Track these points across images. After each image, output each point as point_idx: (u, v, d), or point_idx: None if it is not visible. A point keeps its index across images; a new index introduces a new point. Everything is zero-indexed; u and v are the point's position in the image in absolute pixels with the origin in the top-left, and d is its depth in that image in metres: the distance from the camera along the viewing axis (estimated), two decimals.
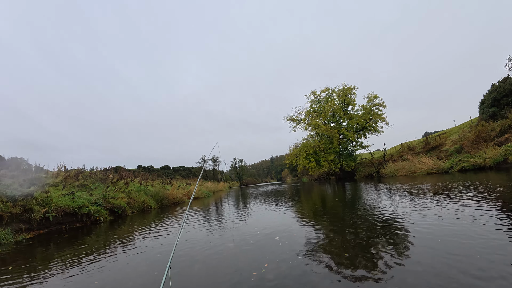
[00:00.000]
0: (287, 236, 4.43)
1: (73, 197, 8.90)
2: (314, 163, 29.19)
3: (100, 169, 16.90)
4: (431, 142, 23.94)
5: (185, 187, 21.36)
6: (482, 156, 14.60)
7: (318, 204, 8.88)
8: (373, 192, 10.28)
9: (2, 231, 6.32)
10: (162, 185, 19.01)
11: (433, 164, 17.76)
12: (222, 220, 7.21)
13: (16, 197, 7.21)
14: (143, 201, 12.65)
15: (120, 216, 10.26)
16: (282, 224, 5.60)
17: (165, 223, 7.45)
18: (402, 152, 25.75)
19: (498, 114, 18.88)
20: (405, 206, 5.91)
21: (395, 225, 4.30)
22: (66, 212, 8.18)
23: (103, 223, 8.74)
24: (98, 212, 9.04)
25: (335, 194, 12.38)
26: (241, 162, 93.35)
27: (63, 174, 11.35)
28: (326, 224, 5.08)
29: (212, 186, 32.42)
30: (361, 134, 30.35)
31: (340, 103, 30.78)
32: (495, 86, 20.49)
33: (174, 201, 15.70)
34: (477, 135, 17.49)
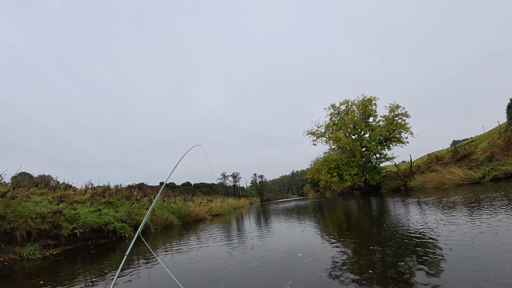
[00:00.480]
0: (310, 253, 4.27)
1: (99, 214, 9.17)
2: (336, 178, 28.45)
3: (124, 186, 17.40)
4: (460, 151, 22.74)
5: (207, 204, 21.48)
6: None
7: (342, 220, 8.58)
8: (400, 207, 9.80)
9: (30, 247, 6.56)
10: (184, 202, 19.21)
11: (463, 175, 16.78)
12: (244, 237, 7.12)
13: (45, 214, 7.52)
14: (166, 218, 12.79)
15: (143, 232, 10.41)
16: (304, 241, 5.43)
17: (187, 240, 7.45)
18: (430, 163, 24.60)
19: None
20: (435, 221, 5.56)
21: (425, 241, 4.04)
22: (92, 229, 8.42)
23: (128, 239, 8.89)
24: (123, 229, 9.23)
25: (359, 209, 11.94)
26: (261, 177, 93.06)
27: (90, 191, 11.79)
28: (351, 241, 4.87)
29: (233, 202, 32.36)
30: (384, 146, 29.41)
31: (361, 115, 30.20)
32: None
33: (196, 218, 15.77)
34: (507, 141, 16.48)
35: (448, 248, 3.44)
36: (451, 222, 5.08)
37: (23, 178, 11.87)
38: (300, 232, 6.73)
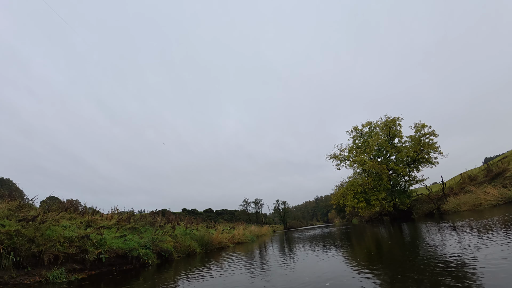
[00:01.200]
0: (339, 284, 3.94)
1: (125, 239, 9.20)
2: (363, 203, 27.18)
3: (147, 212, 17.55)
4: (493, 169, 21.18)
5: (229, 231, 21.10)
6: None
7: (372, 249, 8.01)
8: (435, 232, 9.06)
9: (56, 270, 6.62)
10: (207, 229, 19.00)
11: (499, 194, 15.46)
12: (268, 265, 6.79)
13: (73, 238, 7.64)
14: (188, 245, 12.62)
15: (167, 260, 10.27)
16: (332, 270, 5.08)
17: (210, 270, 7.19)
18: (463, 184, 23.01)
19: None
20: (473, 247, 5.02)
21: (463, 269, 3.63)
22: (117, 254, 8.41)
23: (151, 266, 8.78)
24: (147, 255, 9.16)
25: (390, 236, 11.20)
26: (284, 204, 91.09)
27: (116, 217, 11.96)
28: (382, 271, 4.49)
29: (255, 230, 31.60)
30: (413, 168, 28.07)
31: (385, 136, 29.34)
32: None
33: (219, 245, 15.46)
34: None
35: (488, 274, 3.05)
36: (489, 247, 4.57)
37: (53, 202, 12.32)
38: (327, 261, 6.33)
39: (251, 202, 77.96)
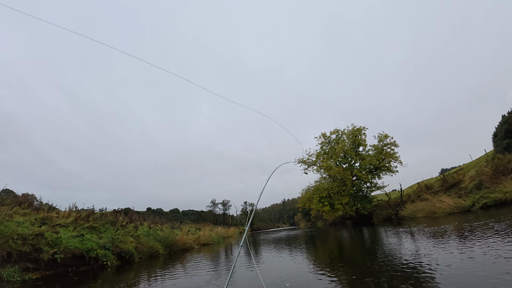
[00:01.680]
0: (298, 285, 4.08)
1: (82, 239, 8.70)
2: (328, 207, 28.16)
3: (109, 210, 16.73)
4: (449, 180, 23.04)
5: (195, 232, 20.76)
6: (502, 191, 13.86)
7: (334, 251, 8.36)
8: (392, 237, 9.66)
9: (9, 268, 6.13)
10: (172, 229, 18.54)
11: (453, 203, 16.86)
12: (235, 269, 6.80)
13: (27, 236, 7.11)
14: (151, 246, 12.24)
15: (127, 261, 9.86)
16: (293, 272, 5.24)
17: (173, 272, 7.02)
18: (420, 192, 24.74)
19: None
20: (428, 251, 5.46)
21: (418, 273, 3.93)
22: (74, 255, 7.94)
23: (110, 268, 8.38)
24: (105, 257, 8.74)
25: (352, 239, 11.72)
26: (252, 206, 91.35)
27: (74, 214, 11.25)
28: (343, 273, 4.70)
29: (222, 231, 31.40)
30: (375, 175, 29.61)
31: (351, 144, 30.67)
32: (506, 118, 20.25)
33: (183, 247, 15.15)
34: (494, 169, 16.81)
35: (442, 279, 3.34)
36: (443, 252, 5.00)
37: (6, 195, 11.33)
38: (290, 263, 6.50)
39: (219, 203, 77.35)
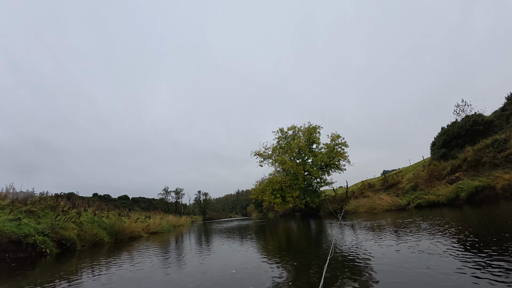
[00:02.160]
0: (243, 272, 4.39)
1: (19, 223, 8.03)
2: (280, 199, 29.33)
3: (51, 194, 15.48)
4: (389, 180, 25.48)
5: (144, 220, 20.17)
6: (436, 193, 15.70)
7: (283, 241, 8.90)
8: (336, 228, 10.55)
9: None
10: (119, 217, 17.81)
11: (391, 201, 18.77)
12: (182, 256, 6.91)
13: None
14: (95, 234, 11.70)
15: (68, 249, 9.36)
16: (245, 260, 5.50)
17: (118, 261, 6.88)
18: (363, 189, 26.99)
19: (448, 155, 20.88)
20: (366, 242, 6.17)
21: (357, 261, 4.46)
22: (10, 240, 7.32)
23: (49, 256, 7.91)
24: (44, 243, 8.20)
25: (300, 230, 12.49)
26: (205, 195, 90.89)
27: (11, 196, 10.25)
28: (290, 261, 5.09)
29: (173, 220, 30.95)
30: (325, 171, 31.50)
31: (306, 141, 32.14)
32: (445, 130, 22.90)
33: (131, 235, 14.70)
34: (430, 174, 19.01)
35: (377, 266, 3.89)
36: (378, 243, 5.70)
37: None
38: (239, 252, 6.80)
39: (172, 192, 75.50)
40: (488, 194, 12.66)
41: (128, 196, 69.75)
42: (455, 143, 21.17)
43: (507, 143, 14.76)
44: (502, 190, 11.97)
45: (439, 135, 23.48)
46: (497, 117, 21.44)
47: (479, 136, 19.77)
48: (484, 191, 12.95)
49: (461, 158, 17.06)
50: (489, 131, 19.97)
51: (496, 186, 12.31)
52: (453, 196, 14.19)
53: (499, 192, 12.07)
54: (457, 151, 19.84)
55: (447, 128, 22.83)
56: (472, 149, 16.88)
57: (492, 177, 13.15)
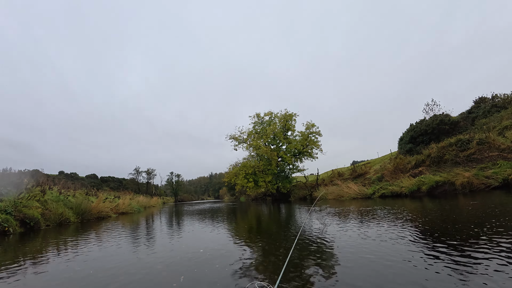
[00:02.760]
0: (212, 251, 4.51)
1: None
2: (252, 183, 29.79)
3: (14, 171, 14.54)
4: (357, 170, 26.69)
5: (113, 200, 19.67)
6: (399, 185, 16.74)
7: (254, 224, 9.14)
8: (305, 213, 10.99)
9: None
10: (86, 196, 17.20)
11: (358, 190, 19.75)
12: (152, 238, 6.89)
13: None
14: (61, 213, 11.25)
15: (32, 228, 8.96)
16: (216, 242, 5.60)
17: (84, 242, 6.71)
18: (333, 178, 28.07)
19: (414, 150, 22.18)
20: (332, 227, 6.53)
21: (323, 244, 4.74)
22: None
23: (12, 235, 7.54)
24: (7, 222, 7.77)
25: (270, 214, 12.84)
26: (178, 177, 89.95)
27: None
28: (260, 243, 5.27)
29: (144, 201, 30.42)
30: (297, 158, 32.27)
31: (281, 128, 32.52)
32: (413, 126, 24.20)
33: (99, 215, 14.30)
34: (395, 167, 20.13)
35: (341, 249, 4.16)
36: (344, 229, 6.05)
37: None
38: (213, 234, 6.90)
39: (143, 172, 73.76)
40: (447, 189, 13.74)
41: (97, 175, 67.26)
42: (421, 139, 22.49)
43: (470, 143, 15.90)
44: (461, 186, 13.03)
45: (407, 131, 24.77)
46: (463, 119, 22.99)
47: (444, 134, 21.13)
48: (444, 186, 14.02)
49: (426, 154, 18.18)
50: (454, 131, 21.41)
51: (456, 182, 13.35)
52: (415, 189, 15.23)
53: (458, 188, 13.13)
54: (423, 147, 21.10)
55: (415, 125, 24.13)
56: (436, 146, 18.00)
57: (452, 173, 14.23)
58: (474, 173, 13.11)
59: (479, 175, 12.89)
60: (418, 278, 2.63)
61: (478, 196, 10.18)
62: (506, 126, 16.94)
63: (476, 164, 14.37)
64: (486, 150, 14.80)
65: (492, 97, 24.56)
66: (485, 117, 21.63)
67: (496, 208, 6.56)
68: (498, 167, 12.95)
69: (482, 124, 19.94)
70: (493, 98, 24.42)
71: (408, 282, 2.56)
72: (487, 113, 21.98)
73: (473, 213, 6.28)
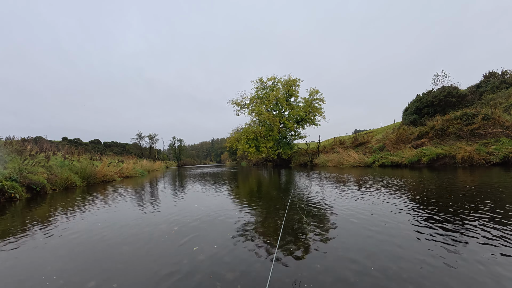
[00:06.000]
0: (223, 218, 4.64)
1: None
2: (253, 149, 30.09)
3: (17, 139, 14.66)
4: (359, 139, 26.72)
5: (117, 165, 20.07)
6: (400, 156, 16.88)
7: (255, 188, 9.34)
8: (305, 179, 11.20)
9: None
10: (91, 161, 17.51)
11: (358, 158, 19.96)
12: (156, 200, 7.08)
13: None
14: (66, 177, 11.52)
15: (39, 193, 9.25)
16: (218, 205, 5.77)
17: (92, 204, 6.95)
18: (334, 145, 28.22)
19: (418, 121, 21.97)
20: (331, 192, 6.71)
21: (322, 208, 4.91)
22: None
23: (19, 201, 7.80)
24: (13, 188, 7.99)
25: (271, 179, 13.09)
26: (180, 141, 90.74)
27: None
28: (260, 207, 5.41)
29: (147, 165, 31.03)
30: (300, 125, 32.20)
31: (284, 93, 32.00)
32: (419, 97, 23.71)
33: (104, 179, 14.66)
34: (397, 137, 20.11)
35: (339, 213, 4.26)
36: (342, 195, 6.17)
37: None
38: (215, 197, 7.03)
39: (145, 136, 74.15)
40: (448, 162, 13.81)
41: (100, 141, 67.93)
42: (427, 111, 22.13)
43: (475, 118, 15.67)
44: (461, 160, 13.09)
45: (413, 102, 24.30)
46: (471, 92, 22.40)
47: (450, 107, 20.73)
48: (444, 159, 14.08)
49: (430, 126, 18.02)
50: (461, 104, 20.96)
51: (457, 156, 13.39)
52: (415, 160, 15.32)
53: (458, 162, 13.20)
54: (427, 118, 20.84)
55: (422, 95, 23.59)
56: (441, 119, 17.77)
57: (454, 147, 14.21)
58: (476, 148, 13.10)
59: (481, 150, 12.89)
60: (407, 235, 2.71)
61: (477, 171, 10.27)
62: None
63: (479, 139, 14.30)
64: (490, 126, 14.64)
65: (502, 73, 23.77)
66: (493, 92, 21.11)
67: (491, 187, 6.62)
68: (501, 144, 12.92)
69: (489, 100, 19.52)
70: (503, 74, 23.62)
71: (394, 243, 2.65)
72: (495, 89, 21.41)
73: (470, 189, 6.35)
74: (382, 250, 2.79)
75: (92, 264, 2.84)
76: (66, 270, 2.71)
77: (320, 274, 2.33)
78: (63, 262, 2.95)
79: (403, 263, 2.46)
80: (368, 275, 2.27)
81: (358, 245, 2.98)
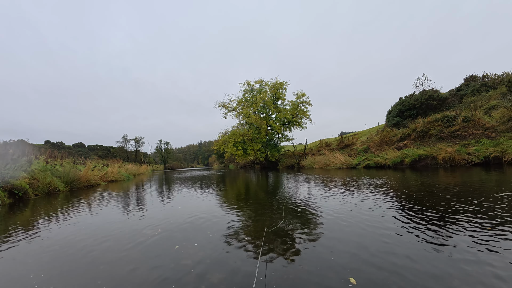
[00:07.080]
0: (211, 221, 4.68)
1: None
2: (241, 151, 30.14)
3: None
4: (344, 141, 27.26)
5: (102, 169, 19.65)
6: (384, 157, 17.35)
7: (242, 191, 9.40)
8: (292, 181, 11.35)
9: None
10: (74, 165, 17.11)
11: (344, 160, 20.37)
12: (142, 204, 7.02)
13: None
14: (49, 182, 11.23)
15: (21, 199, 8.99)
16: (205, 209, 5.77)
17: (76, 209, 6.81)
18: (320, 147, 28.66)
19: (401, 124, 22.61)
20: (318, 194, 6.85)
21: (309, 210, 5.00)
22: None
23: (2, 206, 7.58)
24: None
25: (258, 182, 13.18)
26: (167, 144, 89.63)
27: None
28: (248, 209, 5.46)
29: (133, 168, 30.51)
30: (287, 128, 32.51)
31: (272, 96, 32.26)
32: (402, 100, 24.43)
33: (87, 183, 14.35)
34: (381, 139, 20.65)
35: (325, 215, 4.39)
36: (329, 196, 6.32)
37: None
38: (202, 201, 7.03)
39: (131, 140, 72.82)
40: (429, 163, 14.31)
41: (84, 144, 66.22)
42: (409, 113, 22.86)
43: (456, 120, 16.32)
44: (442, 161, 13.59)
45: (396, 105, 25.03)
46: (451, 95, 23.27)
47: (432, 110, 21.47)
48: (426, 160, 14.58)
49: (412, 128, 18.62)
50: (442, 107, 21.76)
51: (438, 156, 13.89)
52: (398, 161, 15.80)
53: (439, 163, 13.70)
54: (410, 121, 21.51)
55: (405, 99, 24.34)
56: (423, 121, 18.40)
57: (436, 148, 14.74)
58: (457, 149, 13.63)
59: (461, 151, 13.41)
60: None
61: (457, 171, 10.70)
62: (493, 106, 17.35)
63: (459, 140, 14.87)
64: (470, 128, 15.27)
65: (483, 76, 24.78)
66: (473, 95, 21.97)
67: (475, 185, 6.94)
68: (481, 145, 13.47)
69: (470, 102, 20.33)
70: (484, 77, 24.64)
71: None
72: (475, 92, 22.29)
73: (451, 188, 6.65)
74: (366, 248, 2.93)
75: (75, 271, 2.82)
76: (51, 277, 2.69)
77: (307, 274, 2.43)
78: (47, 269, 2.92)
79: (396, 259, 2.61)
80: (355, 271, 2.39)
81: (342, 244, 3.11)
